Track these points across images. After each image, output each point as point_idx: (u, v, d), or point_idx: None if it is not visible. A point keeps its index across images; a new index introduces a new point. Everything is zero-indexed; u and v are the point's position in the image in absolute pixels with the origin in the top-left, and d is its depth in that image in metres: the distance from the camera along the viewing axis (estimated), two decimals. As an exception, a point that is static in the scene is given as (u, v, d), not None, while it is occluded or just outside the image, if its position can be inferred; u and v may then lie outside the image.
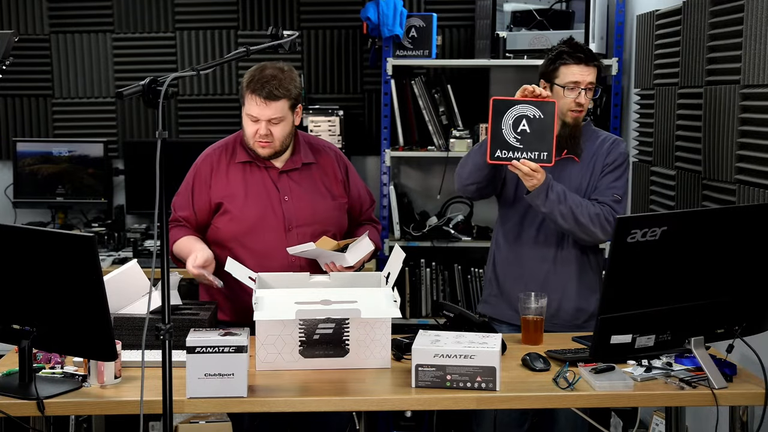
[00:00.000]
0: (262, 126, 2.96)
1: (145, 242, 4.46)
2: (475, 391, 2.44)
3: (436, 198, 4.61)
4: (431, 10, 4.56)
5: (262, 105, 2.94)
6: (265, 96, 2.92)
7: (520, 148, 2.91)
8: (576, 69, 3.07)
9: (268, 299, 2.61)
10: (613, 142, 3.17)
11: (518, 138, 2.91)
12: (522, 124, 2.91)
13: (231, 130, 3.19)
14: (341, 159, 3.20)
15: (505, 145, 2.92)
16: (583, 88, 3.08)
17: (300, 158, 3.10)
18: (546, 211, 2.98)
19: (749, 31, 2.98)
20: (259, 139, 2.98)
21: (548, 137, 2.89)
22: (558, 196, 2.97)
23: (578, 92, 3.07)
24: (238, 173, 3.06)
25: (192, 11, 4.69)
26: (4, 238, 2.42)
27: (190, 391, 2.38)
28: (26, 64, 4.64)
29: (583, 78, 3.07)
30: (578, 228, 3.01)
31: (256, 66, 3.01)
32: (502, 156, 2.93)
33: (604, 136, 3.21)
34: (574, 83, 3.07)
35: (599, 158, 3.13)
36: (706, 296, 2.45)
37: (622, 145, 3.18)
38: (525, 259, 3.16)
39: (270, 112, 2.94)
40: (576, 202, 3.01)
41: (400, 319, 3.34)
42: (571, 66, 3.08)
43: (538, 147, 2.90)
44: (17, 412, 2.36)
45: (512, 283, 3.17)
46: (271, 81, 2.93)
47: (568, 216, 2.98)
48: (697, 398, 2.46)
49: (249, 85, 2.95)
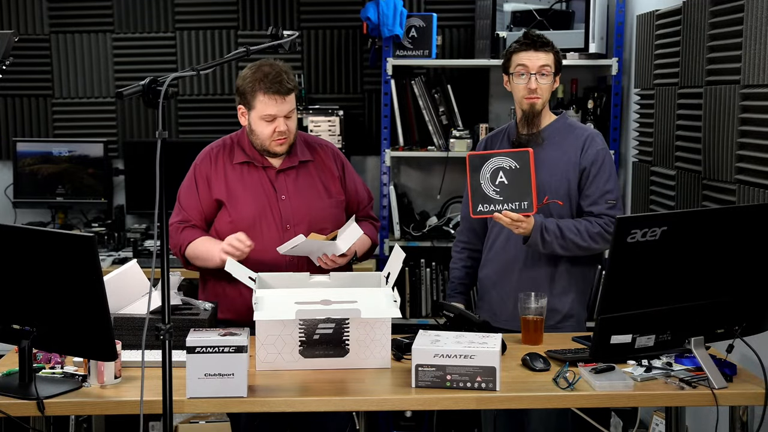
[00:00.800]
0: (281, 122, 2.98)
1: (145, 242, 4.46)
2: (475, 391, 2.44)
3: (436, 198, 4.62)
4: (431, 10, 4.56)
5: (280, 101, 2.96)
6: (282, 92, 2.95)
7: (500, 200, 2.93)
8: (524, 54, 3.06)
9: (268, 299, 2.61)
10: (587, 138, 3.11)
11: (497, 191, 2.93)
12: (499, 176, 2.93)
13: (231, 130, 3.19)
14: (338, 156, 3.21)
15: (486, 198, 2.95)
16: (533, 72, 3.05)
17: (297, 156, 3.10)
18: (546, 251, 3.01)
19: (749, 31, 2.98)
20: (277, 137, 2.99)
21: (527, 186, 2.90)
22: (554, 234, 2.97)
23: (528, 77, 3.05)
24: (236, 173, 3.07)
25: (192, 11, 4.69)
26: (4, 238, 2.42)
27: (190, 391, 2.38)
28: (26, 64, 4.64)
29: (531, 63, 3.05)
30: (582, 252, 3.03)
31: (251, 68, 3.00)
32: (484, 210, 2.96)
33: (578, 130, 3.16)
34: (523, 67, 3.06)
35: (571, 156, 3.09)
36: (706, 296, 2.45)
37: (597, 140, 3.13)
38: (497, 261, 3.16)
39: (287, 106, 2.98)
40: (574, 231, 3.00)
41: (400, 319, 3.34)
42: (520, 53, 3.07)
43: (518, 197, 2.91)
44: (17, 412, 2.36)
45: (487, 285, 3.20)
46: (281, 75, 2.96)
47: (570, 247, 3.00)
48: (697, 398, 2.46)
49: (259, 86, 2.95)
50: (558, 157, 3.09)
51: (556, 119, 3.17)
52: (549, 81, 3.08)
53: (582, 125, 3.26)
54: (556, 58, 3.09)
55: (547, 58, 3.06)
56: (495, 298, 3.16)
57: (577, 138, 3.12)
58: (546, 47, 3.07)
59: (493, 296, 3.17)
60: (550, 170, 3.08)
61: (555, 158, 3.09)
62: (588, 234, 3.00)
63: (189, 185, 3.10)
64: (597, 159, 3.08)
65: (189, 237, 3.05)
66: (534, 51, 3.05)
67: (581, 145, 3.10)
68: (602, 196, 3.06)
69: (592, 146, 3.10)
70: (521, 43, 3.09)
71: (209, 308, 2.81)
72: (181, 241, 3.06)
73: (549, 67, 3.06)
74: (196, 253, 3.03)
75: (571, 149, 3.10)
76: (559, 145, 3.11)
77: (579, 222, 3.03)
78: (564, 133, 3.14)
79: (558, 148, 3.11)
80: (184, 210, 3.08)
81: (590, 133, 3.16)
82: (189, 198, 3.09)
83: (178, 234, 3.06)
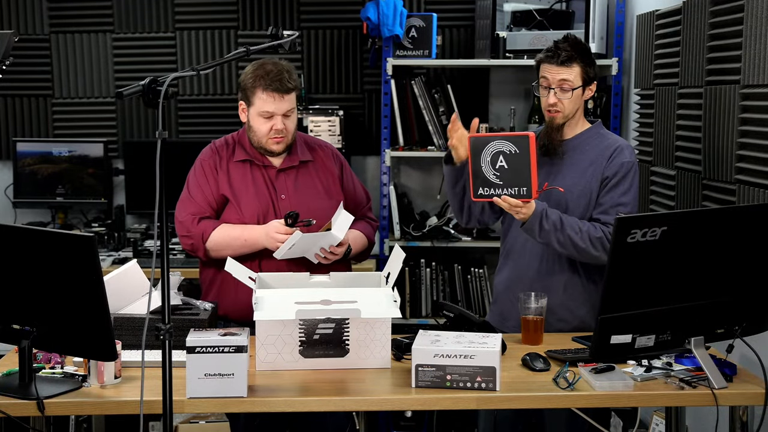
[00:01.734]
0: (278, 121, 2.99)
1: (145, 242, 4.46)
2: (475, 391, 2.44)
3: (436, 198, 4.61)
4: (431, 10, 4.56)
5: (279, 99, 2.97)
6: (281, 90, 2.96)
7: (500, 184, 2.89)
8: (547, 66, 3.01)
9: (268, 299, 2.61)
10: (616, 150, 3.04)
11: (497, 175, 2.89)
12: (500, 160, 2.89)
13: (231, 130, 3.20)
14: (337, 157, 3.23)
15: (486, 182, 2.91)
16: (553, 87, 3.00)
17: (297, 156, 3.11)
18: (542, 241, 2.94)
19: (749, 31, 2.98)
20: (274, 135, 3.00)
21: (526, 172, 2.85)
22: (554, 225, 2.90)
23: (548, 91, 3.01)
24: (238, 171, 3.08)
25: (192, 11, 4.69)
26: (4, 238, 2.42)
27: (190, 391, 2.38)
28: (26, 64, 4.64)
29: (552, 77, 2.99)
30: (578, 253, 2.95)
31: (254, 65, 3.02)
32: (484, 193, 2.92)
33: (609, 141, 3.08)
34: (545, 79, 3.01)
35: (598, 165, 3.03)
36: (706, 296, 2.45)
37: (626, 152, 3.04)
38: (512, 267, 3.14)
39: (286, 105, 2.99)
40: (575, 228, 2.93)
41: (400, 319, 3.34)
42: (544, 64, 3.02)
43: (517, 182, 2.86)
44: (17, 412, 2.36)
45: (500, 290, 3.19)
46: (282, 74, 2.97)
47: (567, 244, 2.92)
48: (697, 398, 2.46)
49: (259, 82, 2.97)
50: (585, 165, 3.04)
51: (589, 128, 3.11)
52: (570, 96, 2.99)
53: (614, 136, 3.16)
54: (583, 71, 3.00)
55: (569, 73, 2.98)
56: (505, 302, 3.14)
57: (607, 147, 3.05)
58: (569, 62, 2.97)
59: (503, 300, 3.15)
60: (576, 177, 3.03)
61: (582, 165, 3.04)
62: (588, 236, 2.92)
63: (198, 179, 3.09)
64: (620, 170, 3.00)
65: (210, 226, 3.03)
66: (556, 65, 2.98)
67: (609, 155, 3.03)
68: (614, 207, 2.98)
69: (618, 157, 3.02)
70: (546, 53, 3.02)
71: (209, 308, 2.81)
72: (201, 230, 3.03)
73: (570, 83, 2.98)
74: (227, 240, 3.01)
75: (599, 158, 3.04)
76: (587, 153, 3.06)
77: (583, 223, 2.96)
78: (594, 142, 3.08)
79: (586, 156, 3.05)
80: (197, 202, 3.07)
81: (621, 144, 3.08)
82: (199, 190, 3.08)
83: (194, 225, 3.04)
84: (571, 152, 3.07)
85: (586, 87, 3.04)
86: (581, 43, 3.06)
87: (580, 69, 3.00)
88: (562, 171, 3.04)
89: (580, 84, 3.01)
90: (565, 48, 3.00)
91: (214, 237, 3.03)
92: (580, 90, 3.01)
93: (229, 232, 3.03)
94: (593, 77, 3.05)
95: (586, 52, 3.04)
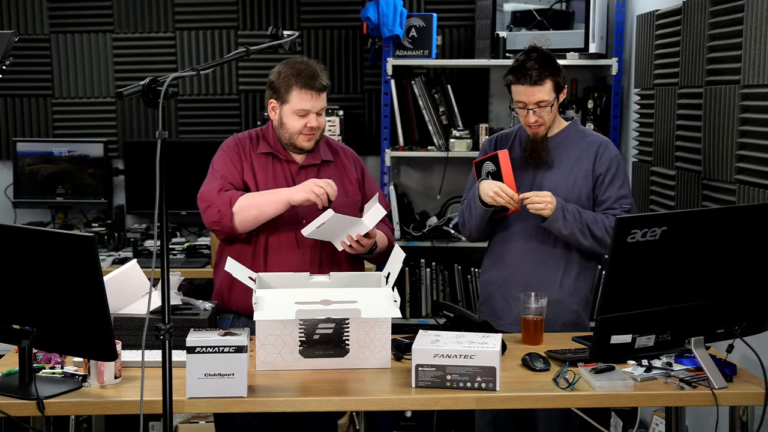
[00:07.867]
0: (312, 118, 3.04)
1: (145, 242, 4.46)
2: (475, 391, 2.44)
3: (436, 198, 4.62)
4: (431, 10, 4.56)
5: (315, 97, 3.02)
6: (317, 88, 3.02)
7: None
8: (521, 89, 3.03)
9: (268, 299, 2.61)
10: (600, 146, 3.11)
11: None
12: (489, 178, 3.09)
13: (231, 130, 3.21)
14: (358, 161, 3.28)
15: None
16: (530, 108, 3.03)
17: (320, 155, 3.14)
18: (567, 233, 2.99)
19: (749, 31, 2.98)
20: (307, 131, 3.05)
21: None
22: (574, 215, 2.98)
23: (527, 112, 3.04)
24: (260, 163, 3.10)
25: (192, 11, 4.69)
26: (4, 238, 2.42)
27: (190, 391, 2.38)
28: (26, 64, 4.64)
29: (528, 99, 3.02)
30: (596, 243, 3.02)
31: (287, 64, 3.05)
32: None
33: (591, 138, 3.16)
34: (520, 102, 3.05)
35: (584, 162, 3.09)
36: (706, 296, 2.45)
37: (610, 147, 3.14)
38: (500, 265, 3.19)
39: (321, 103, 3.05)
40: (590, 218, 3.01)
41: (400, 319, 3.35)
42: (517, 86, 3.04)
43: None
44: (17, 412, 2.36)
45: (491, 289, 3.21)
46: (317, 73, 3.03)
47: (586, 233, 3.00)
48: (697, 398, 2.46)
49: (296, 80, 3.00)
50: (570, 162, 3.10)
51: (567, 126, 3.17)
52: (548, 111, 3.05)
53: (593, 132, 3.24)
54: (554, 84, 3.03)
55: (543, 92, 3.01)
56: (499, 301, 3.15)
57: (590, 145, 3.12)
58: (540, 81, 3.00)
59: (497, 299, 3.16)
60: (563, 177, 3.09)
61: (568, 162, 3.10)
62: (602, 225, 3.01)
63: (222, 160, 3.09)
64: (611, 166, 3.09)
65: (237, 194, 3.01)
66: (529, 86, 3.01)
67: (594, 153, 3.10)
68: (618, 201, 3.07)
69: (605, 153, 3.10)
70: (516, 74, 3.03)
71: (209, 308, 2.81)
72: (228, 197, 3.00)
73: (546, 101, 3.03)
74: (255, 197, 2.99)
75: (584, 156, 3.11)
76: (570, 149, 3.12)
77: (597, 214, 3.05)
78: (576, 140, 3.14)
79: (570, 153, 3.11)
80: (222, 179, 3.05)
81: (603, 140, 3.16)
82: (226, 169, 3.07)
83: (220, 195, 3.00)
84: (554, 150, 3.12)
85: (560, 93, 3.09)
86: (546, 55, 3.07)
87: (551, 83, 3.04)
88: (550, 169, 3.11)
89: (554, 96, 3.06)
90: (533, 67, 3.01)
91: (241, 200, 3.00)
92: (556, 101, 3.07)
93: (256, 193, 3.03)
94: (563, 83, 3.09)
95: (553, 62, 3.06)
